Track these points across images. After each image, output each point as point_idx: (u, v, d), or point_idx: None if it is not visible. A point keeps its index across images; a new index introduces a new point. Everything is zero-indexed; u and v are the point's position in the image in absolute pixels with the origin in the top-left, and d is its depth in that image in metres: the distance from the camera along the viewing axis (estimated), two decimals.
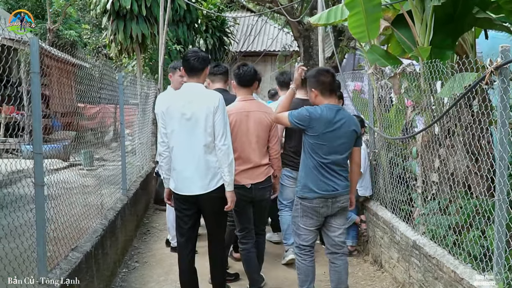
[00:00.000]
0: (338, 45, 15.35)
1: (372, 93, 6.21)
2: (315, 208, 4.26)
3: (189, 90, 4.28)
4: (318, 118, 4.19)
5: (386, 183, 5.95)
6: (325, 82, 4.30)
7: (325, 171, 4.22)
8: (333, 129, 4.20)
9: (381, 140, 6.09)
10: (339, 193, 4.26)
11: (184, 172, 4.20)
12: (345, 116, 4.31)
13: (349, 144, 4.31)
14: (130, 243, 6.55)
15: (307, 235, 4.36)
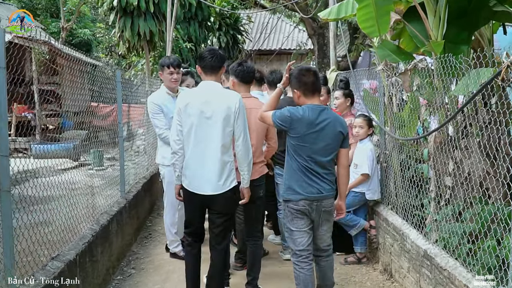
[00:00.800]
0: (353, 43, 14.97)
1: (383, 91, 5.85)
2: (302, 210, 4.17)
3: (208, 88, 4.27)
4: (299, 119, 4.08)
5: (397, 187, 5.59)
6: (307, 82, 4.18)
7: (309, 173, 4.13)
8: (315, 130, 4.09)
9: (392, 141, 5.73)
10: (323, 196, 4.17)
11: (199, 171, 4.21)
12: (330, 116, 4.18)
13: (334, 146, 4.19)
14: (128, 248, 6.27)
15: (302, 237, 4.21)
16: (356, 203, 5.87)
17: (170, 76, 5.70)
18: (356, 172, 5.82)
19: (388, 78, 5.59)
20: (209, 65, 4.28)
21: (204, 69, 4.32)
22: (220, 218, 4.34)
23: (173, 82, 5.74)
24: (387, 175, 5.90)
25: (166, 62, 5.74)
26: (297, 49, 19.77)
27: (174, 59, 5.80)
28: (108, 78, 8.18)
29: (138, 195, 7.08)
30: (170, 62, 5.71)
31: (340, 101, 6.25)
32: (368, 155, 5.74)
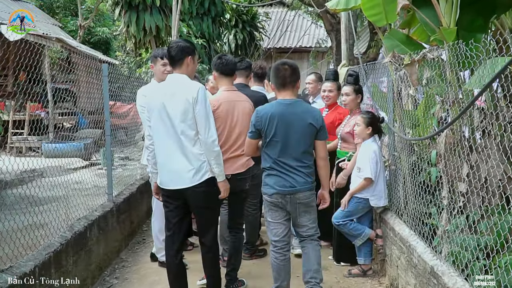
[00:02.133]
0: (373, 39, 14.32)
1: (391, 85, 5.29)
2: (275, 203, 4.27)
3: (172, 82, 4.22)
4: (267, 114, 4.16)
5: (406, 193, 5.03)
6: (278, 76, 4.25)
7: (281, 167, 4.20)
8: (285, 124, 4.14)
9: (402, 142, 5.17)
10: (297, 189, 4.22)
11: (167, 166, 4.17)
12: (299, 109, 4.22)
13: (306, 138, 4.22)
14: (115, 255, 5.82)
15: (277, 228, 4.34)
16: (359, 210, 5.31)
17: (163, 68, 5.24)
18: (359, 176, 5.27)
19: (396, 72, 5.02)
20: (170, 57, 4.25)
21: (169, 61, 4.35)
22: (199, 211, 4.30)
23: (165, 75, 5.19)
24: (395, 179, 5.34)
25: (159, 53, 5.30)
26: (316, 46, 19.15)
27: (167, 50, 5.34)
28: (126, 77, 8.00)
29: (132, 197, 6.63)
30: (164, 53, 5.23)
31: (351, 98, 5.67)
32: (370, 157, 5.17)
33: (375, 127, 5.27)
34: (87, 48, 18.12)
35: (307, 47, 22.07)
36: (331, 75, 6.31)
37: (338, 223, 5.33)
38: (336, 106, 6.18)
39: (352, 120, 5.56)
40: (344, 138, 5.61)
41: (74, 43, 17.35)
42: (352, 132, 5.47)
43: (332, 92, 6.10)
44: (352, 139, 5.51)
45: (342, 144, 5.68)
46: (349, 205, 5.29)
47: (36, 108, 14.69)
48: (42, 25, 18.29)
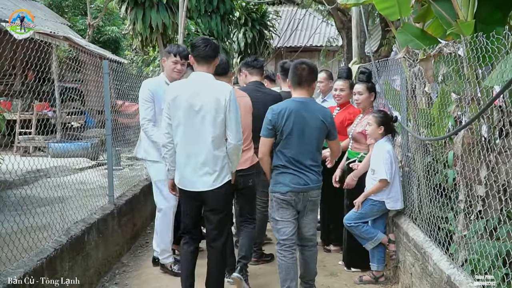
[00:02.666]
0: (385, 37, 14.02)
1: (405, 83, 5.02)
2: (288, 201, 4.25)
3: (198, 80, 4.09)
4: (284, 110, 4.17)
5: (420, 196, 4.77)
6: (296, 74, 4.28)
7: (296, 165, 4.22)
8: (301, 121, 4.17)
9: (416, 142, 4.90)
10: (310, 187, 4.27)
11: (189, 167, 4.06)
12: (315, 108, 4.30)
13: (320, 137, 4.29)
14: (116, 259, 5.60)
15: (285, 227, 4.31)
16: (373, 213, 5.05)
17: (174, 65, 5.09)
18: (373, 178, 5.01)
19: (411, 68, 4.75)
20: (203, 54, 4.08)
21: (197, 58, 4.11)
22: (214, 215, 4.19)
23: (175, 73, 5.12)
24: (409, 181, 5.07)
25: (173, 50, 5.14)
26: (327, 45, 18.84)
27: (183, 49, 5.22)
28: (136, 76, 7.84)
29: (135, 199, 6.41)
30: (178, 51, 5.12)
31: (364, 96, 5.38)
32: (384, 158, 4.91)
33: (388, 127, 5.01)
34: (96, 47, 17.96)
35: (318, 46, 21.76)
36: (344, 73, 6.00)
37: (350, 225, 5.07)
38: (348, 106, 5.91)
39: (364, 120, 5.31)
40: (356, 138, 5.35)
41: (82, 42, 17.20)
42: (364, 132, 5.21)
43: (344, 91, 5.82)
44: (364, 139, 5.25)
45: (354, 145, 5.42)
46: (363, 207, 5.04)
47: (43, 107, 14.55)
48: (51, 24, 18.19)
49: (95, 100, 13.11)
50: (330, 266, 5.59)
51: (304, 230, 4.42)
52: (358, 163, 5.28)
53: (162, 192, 5.12)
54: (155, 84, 5.13)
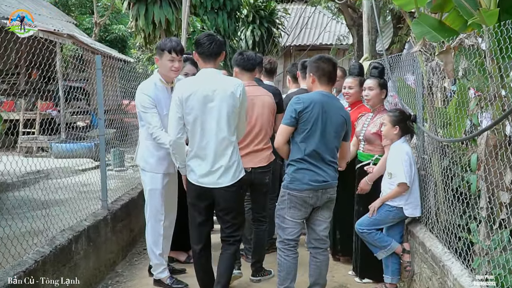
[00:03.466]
0: (396, 34, 13.62)
1: (421, 79, 4.62)
2: (305, 199, 4.07)
3: (209, 76, 4.04)
4: (310, 100, 4.03)
5: (438, 202, 4.37)
6: (325, 69, 4.12)
7: (316, 160, 4.04)
8: (326, 113, 4.02)
9: (433, 143, 4.50)
10: (329, 184, 4.10)
11: (204, 163, 4.04)
12: (337, 105, 4.17)
13: (340, 133, 4.15)
14: (110, 268, 5.24)
15: (293, 228, 4.14)
16: (389, 219, 4.65)
17: (170, 64, 4.57)
18: (391, 183, 4.61)
19: (427, 62, 4.36)
20: (208, 52, 4.03)
21: (202, 55, 4.08)
22: (227, 215, 4.16)
23: (173, 71, 4.63)
24: (425, 186, 4.67)
25: (167, 46, 4.58)
26: (337, 43, 18.42)
27: (177, 43, 4.68)
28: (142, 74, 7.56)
29: (132, 203, 6.05)
30: (172, 46, 4.58)
31: (375, 93, 4.98)
32: (403, 160, 4.51)
33: (404, 126, 4.61)
34: (102, 46, 17.70)
35: (327, 45, 21.34)
36: (355, 70, 5.60)
37: (362, 231, 4.68)
38: (360, 105, 5.51)
39: (377, 119, 4.91)
40: (370, 139, 4.96)
41: (88, 40, 16.94)
42: (379, 132, 4.82)
43: (352, 88, 5.43)
44: (379, 140, 4.86)
45: (366, 146, 5.03)
46: (378, 213, 4.65)
47: (47, 107, 14.32)
48: (56, 22, 17.96)
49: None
50: (340, 277, 5.21)
51: (319, 228, 4.22)
52: (373, 166, 4.89)
53: (155, 202, 4.75)
54: (153, 88, 4.64)
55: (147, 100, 4.58)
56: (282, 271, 4.16)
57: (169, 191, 4.87)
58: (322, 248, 4.25)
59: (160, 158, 4.68)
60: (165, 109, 4.56)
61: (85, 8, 24.69)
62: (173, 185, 4.94)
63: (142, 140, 4.78)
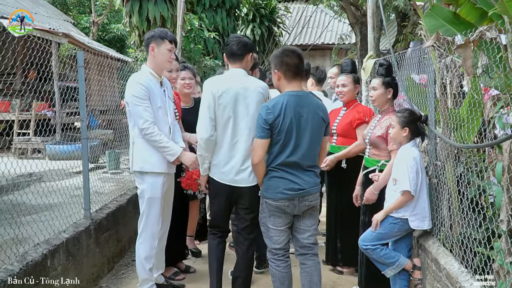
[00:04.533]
0: (401, 32, 13.20)
1: (433, 77, 4.20)
2: (281, 207, 3.86)
3: (237, 76, 4.08)
4: (278, 106, 3.72)
5: (452, 213, 3.95)
6: (290, 64, 3.84)
7: (291, 167, 3.81)
8: (298, 117, 3.75)
9: (446, 148, 4.08)
10: (306, 192, 3.86)
11: (232, 162, 4.04)
12: (313, 102, 3.88)
13: (321, 133, 3.91)
14: (94, 283, 4.82)
15: (278, 236, 3.95)
16: (395, 233, 4.21)
17: (169, 53, 4.33)
18: (395, 190, 4.18)
19: (441, 59, 3.93)
20: (231, 52, 4.10)
21: (229, 56, 4.14)
22: (248, 214, 4.17)
23: (169, 62, 4.45)
24: (438, 195, 4.23)
25: (168, 35, 4.35)
26: (339, 42, 18.00)
27: (172, 33, 4.49)
28: None
29: (120, 211, 5.63)
30: (173, 37, 4.41)
31: (378, 93, 4.58)
32: (409, 165, 4.07)
33: (414, 128, 4.17)
34: (99, 45, 17.35)
35: (329, 44, 20.93)
36: (348, 67, 5.29)
37: (366, 247, 4.24)
38: (355, 104, 5.19)
39: (384, 121, 4.49)
40: (375, 143, 4.53)
41: (85, 39, 16.60)
42: (386, 136, 4.39)
43: (346, 86, 5.11)
44: (385, 144, 4.43)
45: (372, 151, 4.60)
46: (382, 226, 4.21)
47: (43, 107, 14.00)
48: (53, 21, 17.64)
49: (98, 100, 12.57)
50: None
51: (302, 236, 4.01)
52: (378, 173, 4.47)
53: (153, 213, 4.34)
54: (147, 79, 4.28)
55: (142, 90, 4.22)
56: (275, 282, 4.00)
57: (167, 197, 4.51)
58: (309, 253, 4.03)
59: (160, 156, 4.32)
60: (159, 101, 4.30)
61: (84, 7, 24.35)
62: (170, 190, 4.57)
63: (136, 139, 4.35)
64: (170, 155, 4.29)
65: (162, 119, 4.34)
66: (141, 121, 4.19)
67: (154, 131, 4.19)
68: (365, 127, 4.89)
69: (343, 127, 5.09)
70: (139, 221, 4.41)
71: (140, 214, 4.40)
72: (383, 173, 4.42)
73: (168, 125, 4.40)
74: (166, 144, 4.25)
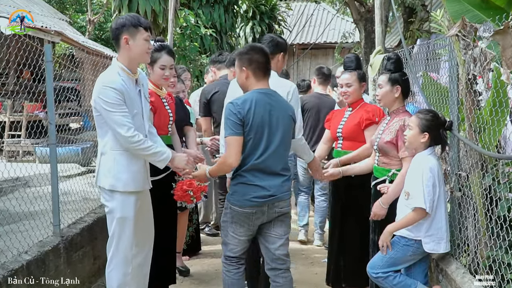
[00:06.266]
0: (408, 28, 12.58)
1: (456, 72, 3.58)
2: (248, 215, 3.58)
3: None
4: (247, 102, 3.49)
5: (479, 232, 3.33)
6: (259, 61, 3.62)
7: (262, 173, 3.54)
8: (269, 116, 3.52)
9: (473, 157, 3.46)
10: (276, 198, 3.57)
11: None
12: (282, 102, 3.69)
13: (289, 136, 3.70)
14: None
15: (236, 246, 3.69)
16: (408, 257, 3.57)
17: (147, 44, 3.59)
18: (408, 205, 3.55)
19: (467, 50, 3.31)
20: None
21: None
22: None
23: (148, 54, 3.67)
24: (462, 211, 3.61)
25: (142, 21, 3.57)
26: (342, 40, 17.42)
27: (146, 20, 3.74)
28: None
29: (98, 224, 4.98)
30: (148, 23, 3.67)
31: (384, 91, 3.96)
32: (425, 178, 3.44)
33: (436, 135, 3.54)
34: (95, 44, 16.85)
35: (332, 43, 20.38)
36: (352, 63, 4.58)
37: (377, 275, 3.61)
38: (362, 104, 4.54)
39: (394, 124, 3.87)
40: (384, 150, 3.90)
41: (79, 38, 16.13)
42: (396, 141, 3.77)
43: (351, 86, 4.45)
44: (396, 151, 3.81)
45: (381, 159, 3.97)
46: (394, 248, 3.59)
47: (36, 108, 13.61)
48: (47, 20, 17.20)
49: None
50: None
51: (273, 246, 3.66)
52: (388, 184, 3.84)
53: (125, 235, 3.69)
54: (119, 81, 3.55)
55: (114, 95, 3.48)
56: (225, 286, 3.79)
57: (144, 216, 3.81)
58: (281, 269, 3.68)
59: (134, 172, 3.63)
60: (135, 106, 3.62)
61: (81, 5, 23.94)
62: (147, 206, 3.89)
63: (106, 152, 3.68)
64: (162, 161, 3.63)
65: (138, 127, 3.66)
66: (123, 129, 3.49)
67: (141, 138, 3.53)
68: (375, 128, 4.28)
69: (349, 129, 4.44)
70: (108, 244, 3.76)
71: (110, 236, 3.76)
72: (393, 184, 3.79)
73: (145, 133, 3.75)
74: (156, 150, 3.60)
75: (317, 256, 5.88)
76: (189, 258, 5.62)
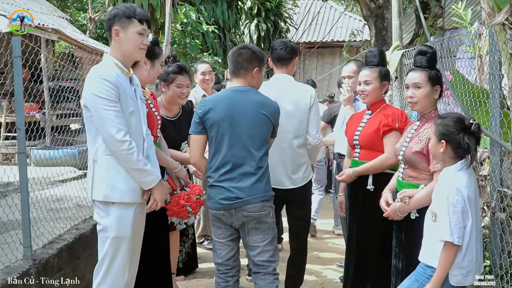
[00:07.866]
0: (421, 25, 12.06)
1: (497, 68, 2.98)
2: (218, 216, 3.58)
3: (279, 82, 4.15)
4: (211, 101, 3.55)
5: None
6: (231, 61, 3.65)
7: (229, 173, 3.46)
8: (234, 112, 3.45)
9: None
10: (243, 201, 3.44)
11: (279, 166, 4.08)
12: (256, 98, 3.55)
13: (260, 134, 3.51)
14: None
15: (221, 250, 3.67)
16: None
17: (140, 38, 3.12)
18: (434, 228, 2.94)
19: None
20: (277, 56, 4.15)
21: (274, 61, 4.20)
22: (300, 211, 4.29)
23: (142, 50, 3.19)
24: (505, 235, 3.01)
25: (136, 12, 3.09)
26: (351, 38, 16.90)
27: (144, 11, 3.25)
28: None
29: (80, 242, 4.42)
30: (144, 14, 3.18)
31: (425, 92, 3.28)
32: (451, 202, 2.80)
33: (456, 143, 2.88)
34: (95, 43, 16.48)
35: (339, 41, 19.88)
36: (375, 58, 3.91)
37: None
38: (383, 106, 3.91)
39: (425, 131, 3.25)
40: (412, 161, 3.28)
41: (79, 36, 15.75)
42: (427, 151, 3.15)
43: (370, 84, 3.82)
44: (426, 163, 3.20)
45: (408, 171, 3.35)
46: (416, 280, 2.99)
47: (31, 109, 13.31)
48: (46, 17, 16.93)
49: None
50: None
51: (253, 253, 3.62)
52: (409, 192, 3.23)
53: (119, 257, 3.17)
54: (113, 74, 3.07)
55: (109, 89, 3.02)
56: None
57: (137, 230, 3.30)
58: (261, 272, 3.64)
59: (132, 179, 3.14)
60: (131, 104, 3.16)
61: (82, 4, 23.61)
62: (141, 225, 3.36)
63: (98, 158, 3.14)
64: (145, 183, 3.14)
65: (135, 129, 3.13)
66: (113, 130, 2.96)
67: (133, 146, 3.04)
68: (395, 135, 3.67)
69: (367, 137, 3.82)
70: (96, 269, 3.21)
71: (100, 260, 3.20)
72: (418, 195, 3.19)
73: (143, 136, 3.22)
74: (145, 167, 3.08)
75: None
76: (185, 278, 5.07)
